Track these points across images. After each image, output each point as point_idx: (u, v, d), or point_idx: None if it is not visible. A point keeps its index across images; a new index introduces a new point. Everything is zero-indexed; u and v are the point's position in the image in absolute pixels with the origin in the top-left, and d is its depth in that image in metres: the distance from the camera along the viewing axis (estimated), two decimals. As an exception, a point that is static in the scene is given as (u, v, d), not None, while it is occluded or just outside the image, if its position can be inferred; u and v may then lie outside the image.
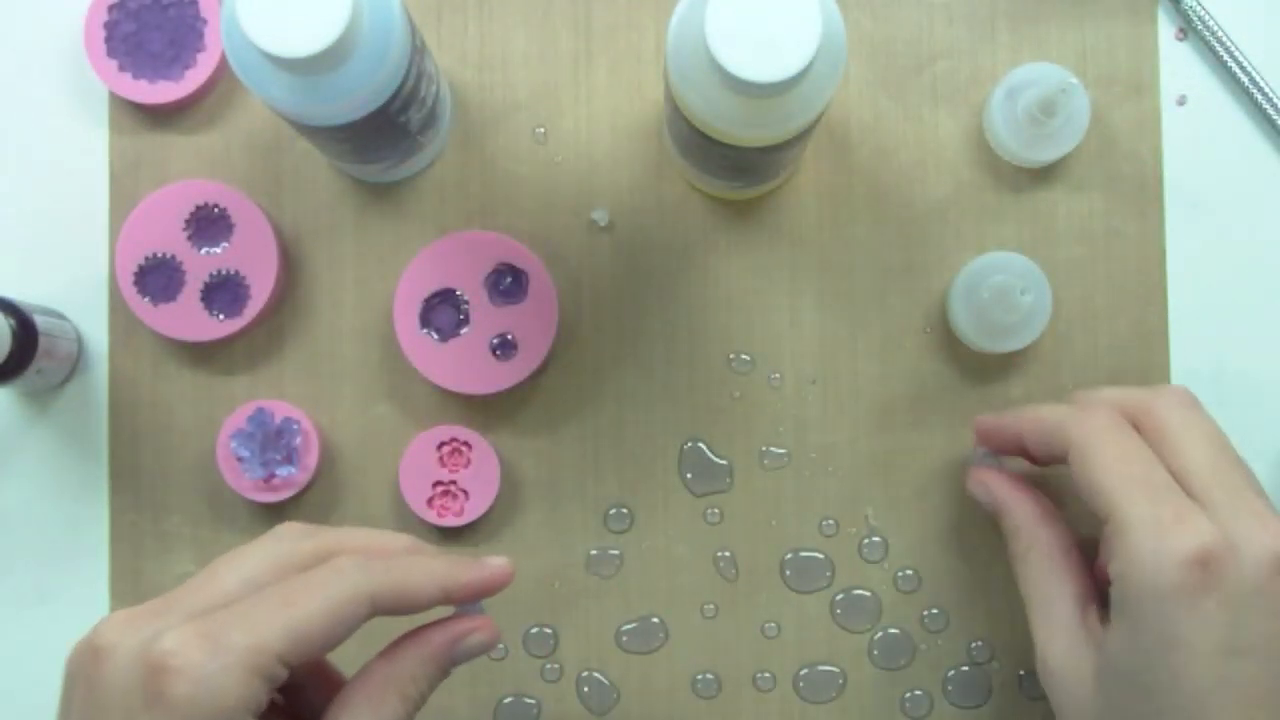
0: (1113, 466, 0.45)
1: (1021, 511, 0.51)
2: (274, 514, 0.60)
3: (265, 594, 0.41)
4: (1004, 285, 0.57)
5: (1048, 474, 0.56)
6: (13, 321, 0.55)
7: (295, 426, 0.59)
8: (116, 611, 0.42)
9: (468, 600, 0.47)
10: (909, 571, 0.60)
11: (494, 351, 0.59)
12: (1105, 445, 0.46)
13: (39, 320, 0.57)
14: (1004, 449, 0.54)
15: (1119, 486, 0.44)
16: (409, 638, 0.46)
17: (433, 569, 0.45)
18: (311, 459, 0.59)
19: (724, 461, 0.61)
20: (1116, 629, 0.44)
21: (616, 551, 0.60)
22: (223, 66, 0.60)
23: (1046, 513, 0.51)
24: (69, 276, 0.61)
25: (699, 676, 0.60)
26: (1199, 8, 0.61)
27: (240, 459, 0.59)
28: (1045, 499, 0.51)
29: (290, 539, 0.45)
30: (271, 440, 0.59)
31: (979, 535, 0.60)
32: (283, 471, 0.59)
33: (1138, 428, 0.48)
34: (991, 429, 0.53)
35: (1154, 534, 0.42)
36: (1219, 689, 0.41)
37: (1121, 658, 0.43)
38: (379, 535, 0.46)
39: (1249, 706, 0.41)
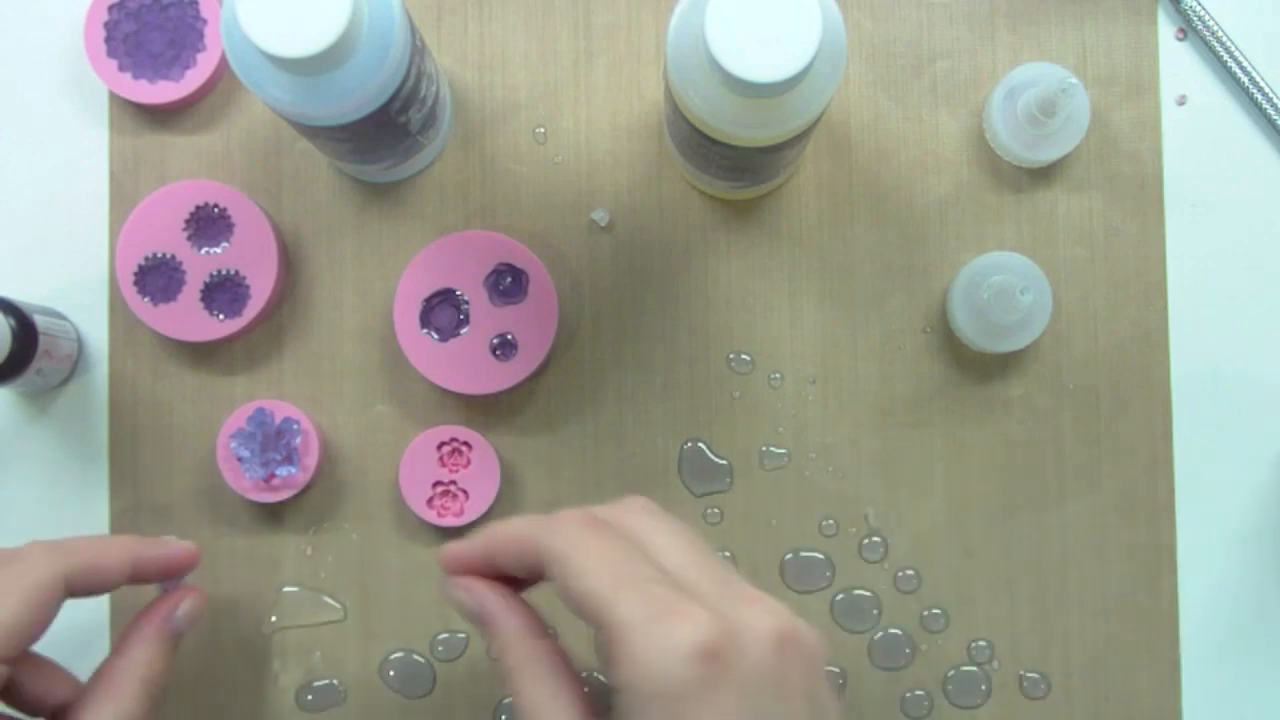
0: (596, 568, 0.41)
1: (516, 623, 0.45)
2: (274, 514, 0.60)
3: None
4: (1004, 285, 0.57)
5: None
6: (13, 321, 0.55)
7: (295, 426, 0.59)
8: None
9: (160, 577, 0.52)
10: (909, 571, 0.60)
11: (494, 351, 0.59)
12: (584, 548, 0.42)
13: (39, 320, 0.57)
14: (476, 574, 0.47)
15: (606, 587, 0.40)
16: (130, 630, 0.50)
17: (119, 544, 0.49)
18: (311, 459, 0.59)
19: (724, 461, 0.61)
20: None
21: (616, 551, 0.60)
22: (223, 66, 0.60)
23: (538, 624, 0.46)
24: (69, 276, 0.61)
25: (699, 676, 0.60)
26: (1199, 8, 0.61)
27: (240, 459, 0.59)
28: (532, 610, 0.46)
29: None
30: (271, 440, 0.59)
31: (979, 535, 0.60)
32: (283, 471, 0.59)
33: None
34: (458, 555, 0.47)
35: (653, 633, 0.38)
36: None
37: None
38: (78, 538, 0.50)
39: None
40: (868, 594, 0.60)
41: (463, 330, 0.59)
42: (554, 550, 0.42)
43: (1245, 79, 0.61)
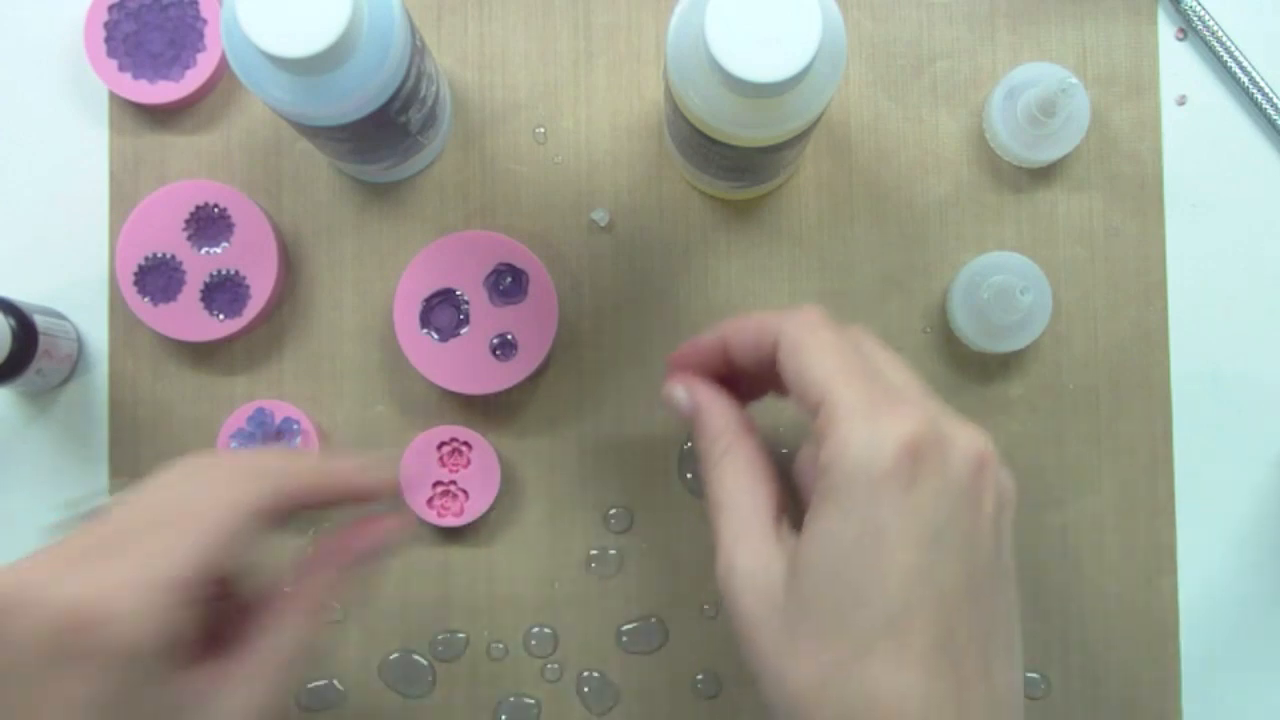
0: (826, 355, 0.43)
1: (722, 415, 0.47)
2: (274, 514, 0.60)
3: (164, 521, 0.40)
4: (1004, 285, 0.57)
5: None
6: (13, 321, 0.55)
7: (295, 426, 0.59)
8: (4, 567, 0.40)
9: (365, 499, 0.48)
10: (909, 571, 0.60)
11: (494, 351, 0.59)
12: (817, 335, 0.44)
13: (39, 320, 0.57)
14: (705, 368, 0.49)
15: (832, 373, 0.42)
16: (322, 554, 0.47)
17: (329, 469, 0.46)
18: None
19: (724, 461, 0.60)
20: (820, 518, 0.41)
21: (616, 551, 0.60)
22: (223, 66, 0.60)
23: (746, 420, 0.47)
24: (69, 276, 0.61)
25: (699, 676, 0.60)
26: (1199, 8, 0.61)
27: (240, 459, 0.59)
28: (743, 410, 0.48)
29: (180, 468, 0.44)
30: (271, 440, 0.59)
31: (979, 535, 0.60)
32: (283, 471, 0.59)
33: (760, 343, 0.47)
34: (685, 353, 0.49)
35: (868, 418, 0.41)
36: (919, 581, 0.40)
37: (824, 548, 0.41)
38: (276, 454, 0.47)
39: (945, 601, 0.40)
40: (868, 594, 0.60)
41: (463, 330, 0.59)
42: (789, 332, 0.44)
43: (1245, 79, 0.61)
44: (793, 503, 0.45)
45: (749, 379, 0.48)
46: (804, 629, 0.41)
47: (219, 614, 0.44)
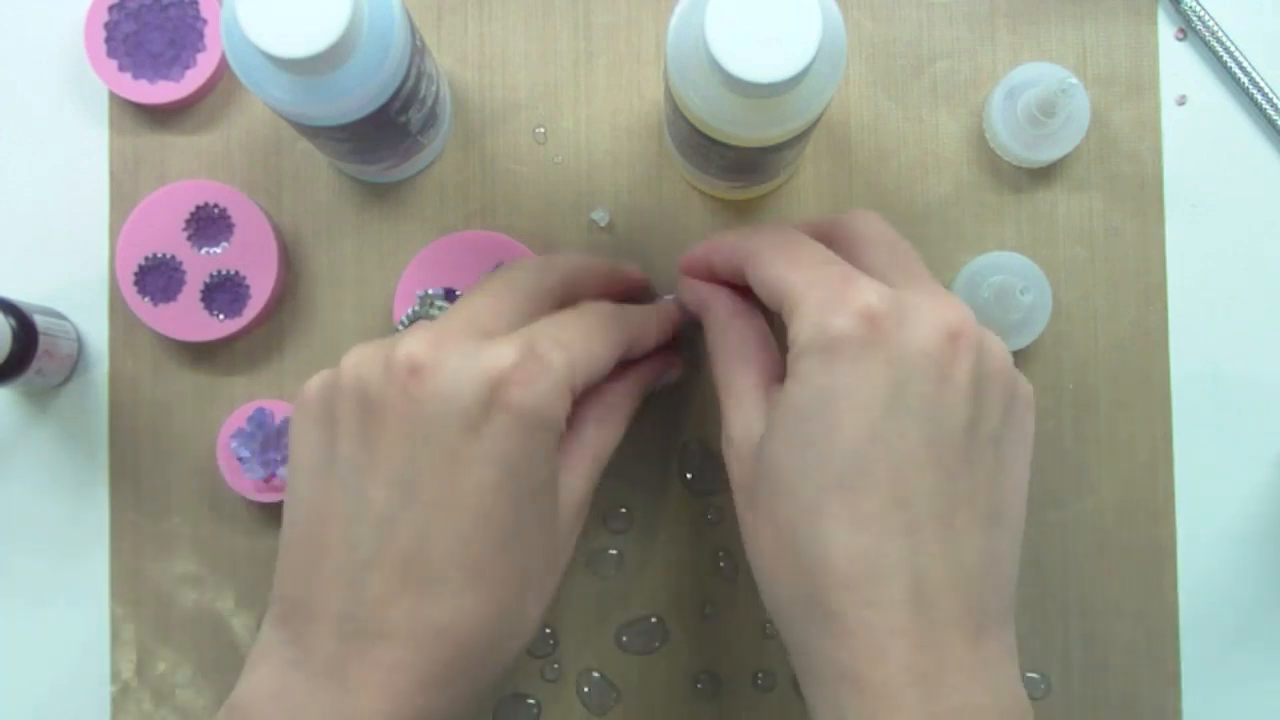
0: (783, 258, 0.46)
1: (720, 304, 0.51)
2: (274, 514, 0.60)
3: (567, 323, 0.46)
4: (1004, 285, 0.57)
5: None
6: (13, 321, 0.55)
7: (295, 426, 0.59)
8: (388, 339, 0.45)
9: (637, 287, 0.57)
10: (909, 571, 0.60)
11: (494, 351, 0.59)
12: (784, 244, 0.47)
13: (39, 320, 0.57)
14: (701, 278, 0.54)
15: (796, 270, 0.45)
16: (626, 370, 0.52)
17: (656, 323, 0.53)
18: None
19: (724, 461, 0.60)
20: (786, 388, 0.44)
21: (616, 551, 0.60)
22: (223, 66, 0.60)
23: (744, 305, 0.51)
24: (69, 276, 0.61)
25: (699, 676, 0.60)
26: (1199, 8, 0.61)
27: (240, 459, 0.59)
28: (747, 298, 0.51)
29: (533, 270, 0.50)
30: (271, 440, 0.59)
31: (979, 535, 0.60)
32: (283, 472, 0.59)
33: (826, 243, 0.49)
34: (690, 259, 0.54)
35: (824, 293, 0.43)
36: (874, 444, 0.41)
37: (786, 413, 0.43)
38: (599, 267, 0.54)
39: (901, 465, 0.41)
40: (868, 594, 0.60)
41: (463, 330, 0.59)
42: (754, 248, 0.48)
43: (1245, 79, 0.61)
44: None
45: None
46: (767, 489, 0.43)
47: None
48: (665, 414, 0.60)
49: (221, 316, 0.59)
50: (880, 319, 0.42)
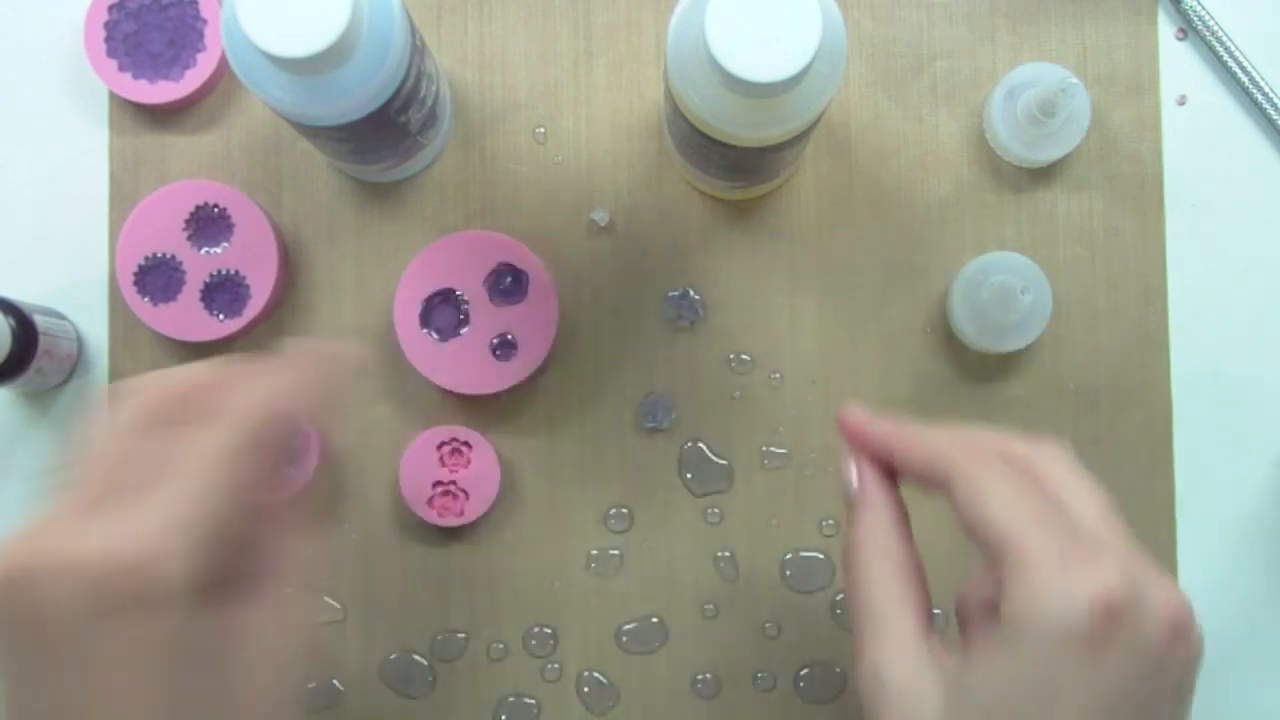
0: (1010, 501, 0.40)
1: (886, 512, 0.45)
2: (274, 514, 0.60)
3: (166, 465, 0.39)
4: (1004, 285, 0.57)
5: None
6: (13, 321, 0.55)
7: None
8: (14, 535, 0.39)
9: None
10: (909, 571, 0.60)
11: (494, 351, 0.59)
12: (998, 479, 0.41)
13: (39, 320, 0.57)
14: (866, 452, 0.46)
15: (1018, 521, 0.40)
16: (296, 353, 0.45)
17: (283, 384, 0.43)
18: (311, 459, 0.59)
19: (724, 461, 0.60)
20: (997, 661, 0.39)
21: (616, 551, 0.60)
22: (223, 66, 0.60)
23: (905, 520, 0.46)
24: (69, 276, 0.61)
25: (699, 676, 0.60)
26: (1199, 8, 0.61)
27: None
28: (904, 509, 0.46)
29: (129, 394, 0.42)
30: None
31: (979, 535, 0.60)
32: (290, 471, 0.59)
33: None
34: (859, 431, 0.46)
35: (1060, 571, 0.38)
36: None
37: (994, 691, 0.39)
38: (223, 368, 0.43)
39: None
40: (868, 594, 0.60)
41: (463, 330, 0.59)
42: (967, 473, 0.42)
43: (1245, 79, 0.61)
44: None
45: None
46: None
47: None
48: (665, 413, 0.60)
49: (221, 316, 0.59)
50: (1119, 613, 0.38)
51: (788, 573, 0.60)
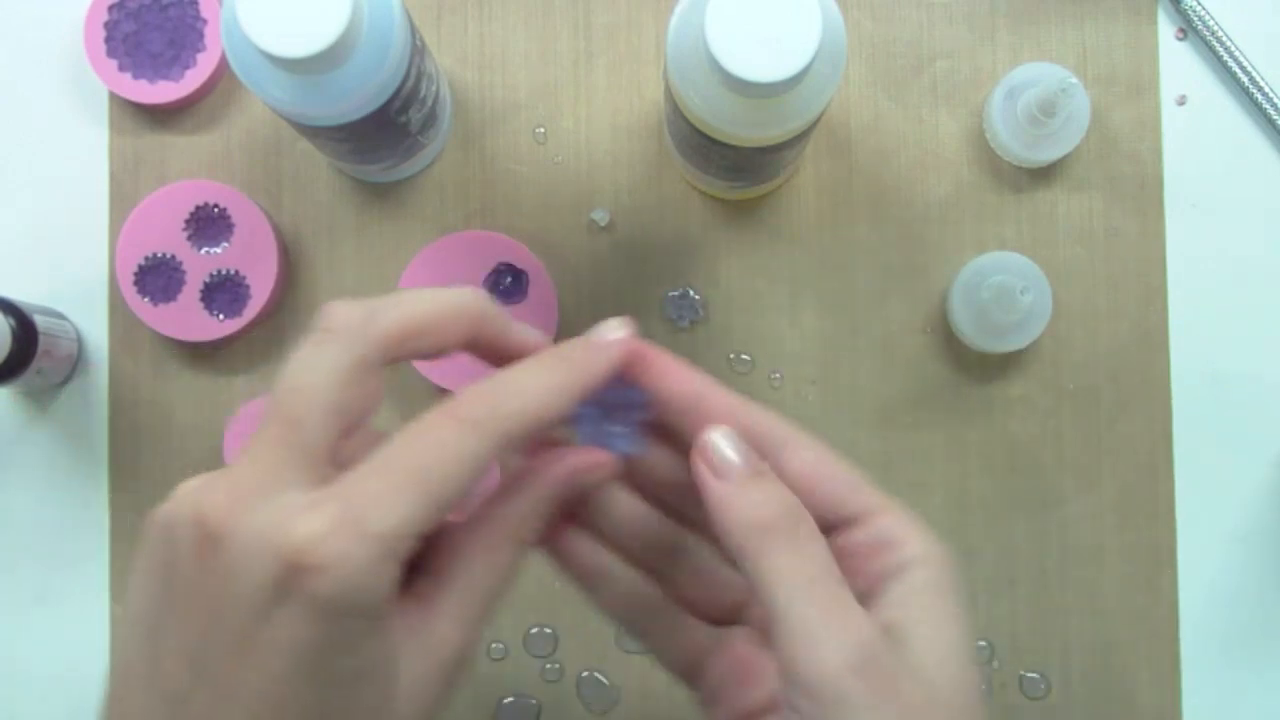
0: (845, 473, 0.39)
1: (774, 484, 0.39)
2: (274, 514, 0.60)
3: (393, 460, 0.36)
4: (1004, 285, 0.57)
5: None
6: (13, 321, 0.55)
7: (295, 426, 0.59)
8: (201, 479, 0.37)
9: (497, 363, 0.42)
10: (909, 571, 0.60)
11: (494, 351, 0.59)
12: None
13: (39, 320, 0.57)
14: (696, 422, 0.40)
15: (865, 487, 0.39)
16: (520, 476, 0.40)
17: (553, 383, 0.39)
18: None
19: (724, 461, 0.60)
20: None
21: (616, 551, 0.60)
22: (223, 66, 0.60)
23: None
24: (69, 276, 0.61)
25: (699, 676, 0.60)
26: (1199, 8, 0.61)
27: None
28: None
29: (345, 332, 0.37)
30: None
31: (979, 535, 0.60)
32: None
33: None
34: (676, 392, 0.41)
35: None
36: None
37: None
38: (444, 301, 0.40)
39: None
40: (868, 594, 0.60)
41: (463, 330, 0.59)
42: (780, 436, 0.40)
43: (1245, 79, 0.61)
44: None
45: None
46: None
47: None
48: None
49: (221, 316, 0.59)
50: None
51: (788, 573, 0.60)
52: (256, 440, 0.36)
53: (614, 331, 0.42)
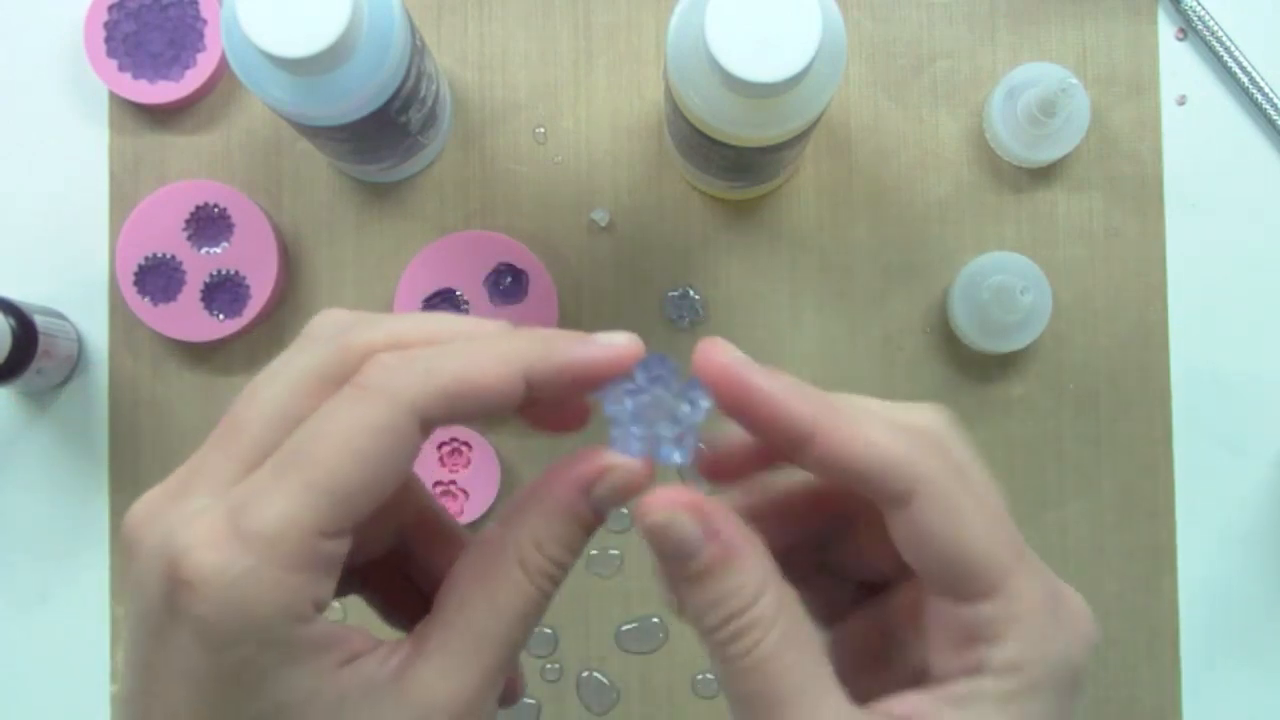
0: (990, 527, 0.33)
1: (762, 565, 0.32)
2: (274, 514, 0.60)
3: (293, 446, 0.29)
4: (1004, 285, 0.57)
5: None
6: (13, 321, 0.55)
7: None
8: (154, 488, 0.31)
9: (575, 389, 0.35)
10: (909, 571, 0.60)
11: (494, 351, 0.59)
12: (965, 493, 0.32)
13: (39, 320, 0.57)
14: (744, 418, 0.35)
15: (1003, 552, 0.33)
16: (527, 491, 0.33)
17: (505, 351, 0.33)
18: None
19: (724, 461, 0.60)
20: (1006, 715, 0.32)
21: (616, 551, 0.60)
22: (223, 66, 0.60)
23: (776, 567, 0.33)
24: (69, 276, 0.61)
25: (699, 676, 0.60)
26: (1199, 8, 0.61)
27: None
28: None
29: (323, 340, 0.32)
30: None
31: (979, 535, 0.60)
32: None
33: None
34: (735, 391, 0.35)
35: (1052, 605, 0.34)
36: None
37: None
38: (429, 320, 0.33)
39: None
40: (868, 594, 0.60)
41: (463, 330, 0.59)
42: (935, 483, 0.32)
43: (1245, 79, 0.61)
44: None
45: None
46: None
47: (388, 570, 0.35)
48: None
49: (221, 316, 0.59)
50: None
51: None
52: (201, 448, 0.31)
53: (616, 337, 0.36)
